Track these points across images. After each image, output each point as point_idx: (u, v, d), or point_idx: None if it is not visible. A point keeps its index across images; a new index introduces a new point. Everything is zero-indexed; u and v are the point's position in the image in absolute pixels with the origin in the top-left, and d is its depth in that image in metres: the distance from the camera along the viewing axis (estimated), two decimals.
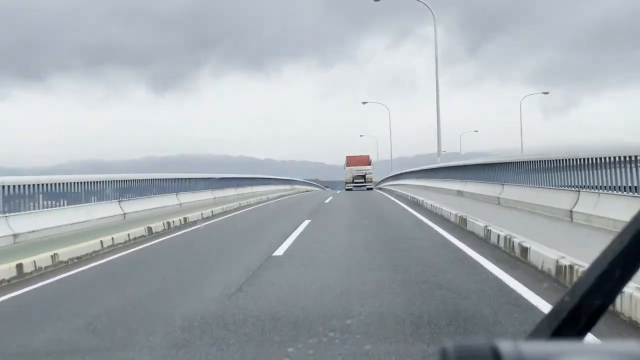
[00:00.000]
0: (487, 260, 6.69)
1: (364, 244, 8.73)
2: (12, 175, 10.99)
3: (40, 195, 10.82)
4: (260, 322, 4.28)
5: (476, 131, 74.97)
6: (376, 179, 45.38)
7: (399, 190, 26.53)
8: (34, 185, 10.56)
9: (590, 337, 2.03)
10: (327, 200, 22.40)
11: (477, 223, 9.44)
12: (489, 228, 8.60)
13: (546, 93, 44.45)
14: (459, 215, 10.91)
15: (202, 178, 21.08)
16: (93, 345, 4.09)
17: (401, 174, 36.68)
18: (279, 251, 7.97)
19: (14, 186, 9.94)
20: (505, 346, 0.59)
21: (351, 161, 41.68)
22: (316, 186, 60.58)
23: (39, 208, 10.68)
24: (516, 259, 6.77)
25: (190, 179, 19.75)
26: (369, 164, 41.52)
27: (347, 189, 38.94)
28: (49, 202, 11.14)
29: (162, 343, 3.94)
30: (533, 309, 4.47)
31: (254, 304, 4.93)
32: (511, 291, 5.11)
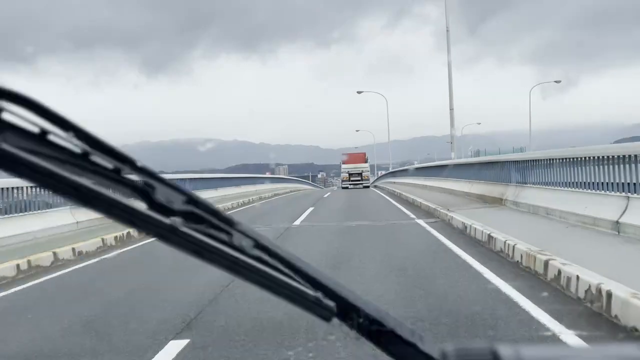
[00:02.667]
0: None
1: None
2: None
3: None
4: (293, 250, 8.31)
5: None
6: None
7: (390, 187, 30.60)
8: None
9: (589, 341, 3.21)
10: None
11: (418, 199, 17.03)
12: (420, 200, 16.48)
13: None
14: (415, 199, 17.69)
15: (209, 178, 24.99)
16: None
17: (395, 171, 40.87)
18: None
19: None
20: (505, 350, 0.60)
21: (348, 159, 42.00)
22: (303, 182, 53.92)
23: None
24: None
25: (204, 179, 23.88)
26: (365, 162, 42.02)
27: (343, 187, 39.28)
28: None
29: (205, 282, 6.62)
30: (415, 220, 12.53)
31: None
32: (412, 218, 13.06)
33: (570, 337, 3.79)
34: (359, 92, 49.89)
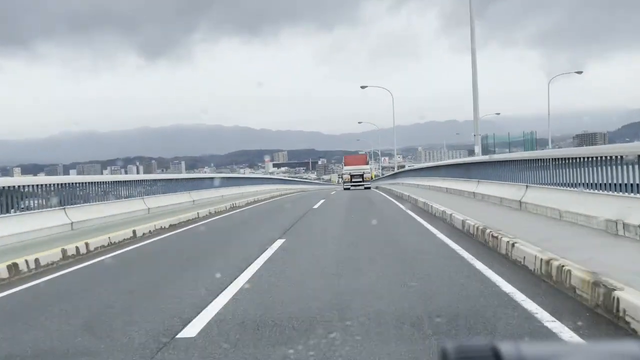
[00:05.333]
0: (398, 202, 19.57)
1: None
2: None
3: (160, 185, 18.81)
4: (316, 221, 14.01)
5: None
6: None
7: (391, 187, 33.24)
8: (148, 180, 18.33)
9: (589, 338, 3.64)
10: None
11: (404, 192, 22.44)
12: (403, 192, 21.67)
13: None
14: (405, 193, 21.85)
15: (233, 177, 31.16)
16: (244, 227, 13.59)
17: (396, 173, 44.25)
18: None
19: (146, 180, 17.91)
20: (505, 347, 0.61)
21: (349, 161, 43.70)
22: (295, 182, 53.63)
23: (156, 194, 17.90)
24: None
25: (233, 178, 30.27)
26: (367, 164, 43.81)
27: (345, 188, 40.25)
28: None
29: (281, 223, 12.89)
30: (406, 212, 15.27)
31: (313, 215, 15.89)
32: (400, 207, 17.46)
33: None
34: (362, 87, 47.79)
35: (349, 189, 39.34)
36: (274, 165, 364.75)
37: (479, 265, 6.48)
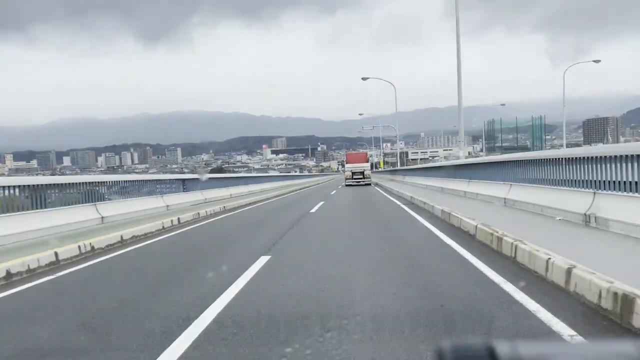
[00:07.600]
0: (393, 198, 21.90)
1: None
2: None
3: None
4: (338, 202, 20.83)
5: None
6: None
7: (385, 184, 36.41)
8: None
9: (585, 338, 3.39)
10: None
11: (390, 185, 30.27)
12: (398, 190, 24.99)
13: None
14: (395, 189, 24.22)
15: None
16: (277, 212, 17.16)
17: (395, 170, 49.18)
18: None
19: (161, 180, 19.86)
20: (501, 346, 0.61)
21: (350, 159, 46.15)
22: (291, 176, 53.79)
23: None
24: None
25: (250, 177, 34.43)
26: (367, 162, 46.15)
27: (347, 185, 42.77)
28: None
29: (298, 213, 15.24)
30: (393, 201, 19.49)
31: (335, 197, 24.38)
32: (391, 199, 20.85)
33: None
34: (363, 79, 51.56)
35: (350, 185, 42.05)
36: (273, 152, 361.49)
37: None
